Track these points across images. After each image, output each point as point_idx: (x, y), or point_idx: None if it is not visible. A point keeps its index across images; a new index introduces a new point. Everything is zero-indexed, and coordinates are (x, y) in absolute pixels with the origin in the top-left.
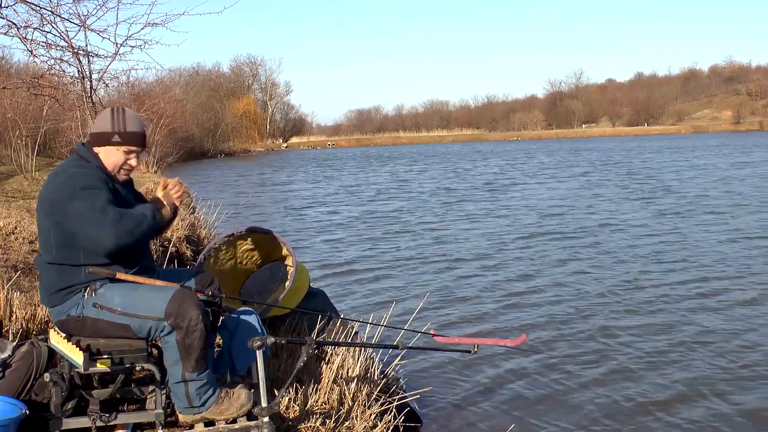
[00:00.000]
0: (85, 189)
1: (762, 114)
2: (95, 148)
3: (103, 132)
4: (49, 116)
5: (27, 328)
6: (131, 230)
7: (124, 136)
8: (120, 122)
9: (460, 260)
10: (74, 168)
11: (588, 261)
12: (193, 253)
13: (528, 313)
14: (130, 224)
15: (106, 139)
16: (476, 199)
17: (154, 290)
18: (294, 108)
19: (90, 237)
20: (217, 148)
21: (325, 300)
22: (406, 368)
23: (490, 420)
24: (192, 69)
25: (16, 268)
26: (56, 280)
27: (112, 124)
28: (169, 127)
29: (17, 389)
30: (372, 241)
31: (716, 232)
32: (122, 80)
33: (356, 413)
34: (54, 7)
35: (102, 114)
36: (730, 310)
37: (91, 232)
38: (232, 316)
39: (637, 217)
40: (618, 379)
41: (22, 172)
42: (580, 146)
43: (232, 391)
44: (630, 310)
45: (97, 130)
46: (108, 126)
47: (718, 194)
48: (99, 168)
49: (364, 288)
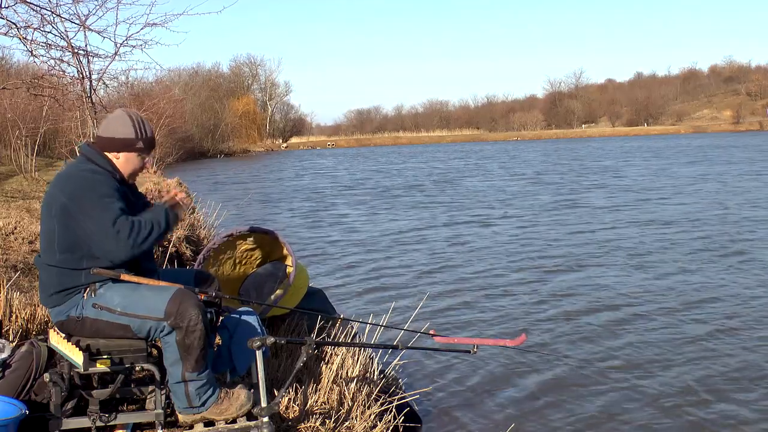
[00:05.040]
0: (102, 198)
1: (762, 114)
2: (113, 153)
3: (127, 138)
4: (49, 116)
5: (27, 328)
6: (145, 239)
7: (146, 142)
8: (142, 129)
9: (460, 260)
10: (87, 173)
11: (588, 261)
12: (192, 253)
13: (528, 312)
14: (143, 233)
15: (130, 146)
16: (475, 199)
17: (154, 290)
18: (294, 108)
19: (103, 249)
20: (216, 148)
21: (325, 300)
22: (405, 368)
23: (490, 420)
24: (191, 69)
25: (16, 268)
26: (56, 282)
27: (135, 131)
28: (169, 127)
29: (17, 389)
30: (372, 241)
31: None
32: (122, 80)
33: (356, 413)
34: (54, 8)
35: (118, 119)
36: (731, 310)
37: (105, 245)
38: (232, 316)
39: (639, 216)
40: (618, 379)
41: (21, 172)
42: (577, 146)
43: (231, 391)
44: (630, 310)
45: (118, 135)
46: (131, 132)
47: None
48: (110, 172)
49: (363, 288)
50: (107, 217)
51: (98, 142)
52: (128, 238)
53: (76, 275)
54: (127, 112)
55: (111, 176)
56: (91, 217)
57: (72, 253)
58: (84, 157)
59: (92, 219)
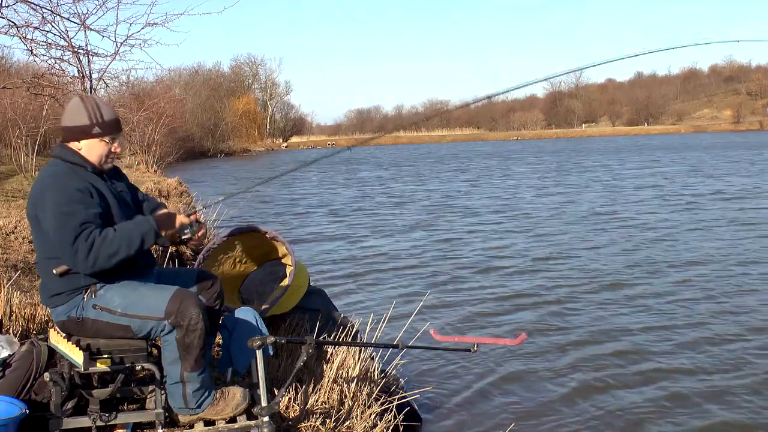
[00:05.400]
0: (60, 207)
1: (762, 113)
2: (74, 143)
3: (81, 125)
4: (49, 116)
5: (27, 327)
6: (108, 258)
7: (104, 126)
8: (97, 113)
9: (460, 260)
10: (49, 179)
11: (588, 261)
12: (192, 253)
13: (528, 312)
14: (106, 252)
15: (87, 132)
16: (475, 199)
17: (154, 290)
18: (294, 108)
19: (70, 265)
20: (217, 147)
21: (325, 299)
22: (406, 367)
23: (490, 419)
24: (192, 69)
25: (16, 268)
26: (56, 284)
27: (90, 116)
28: (169, 126)
29: (17, 389)
30: (372, 241)
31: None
32: (122, 80)
33: (356, 412)
34: (54, 7)
35: (72, 106)
36: (737, 306)
37: (66, 259)
38: (232, 316)
39: (646, 211)
40: (619, 379)
41: (22, 171)
42: (578, 146)
43: (227, 391)
44: (631, 310)
45: (72, 123)
46: (85, 119)
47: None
48: (80, 165)
49: (364, 287)
50: (66, 235)
51: (61, 134)
52: (86, 258)
53: (75, 277)
54: (82, 98)
55: (81, 170)
56: (53, 229)
57: (60, 260)
58: (54, 158)
59: (53, 232)
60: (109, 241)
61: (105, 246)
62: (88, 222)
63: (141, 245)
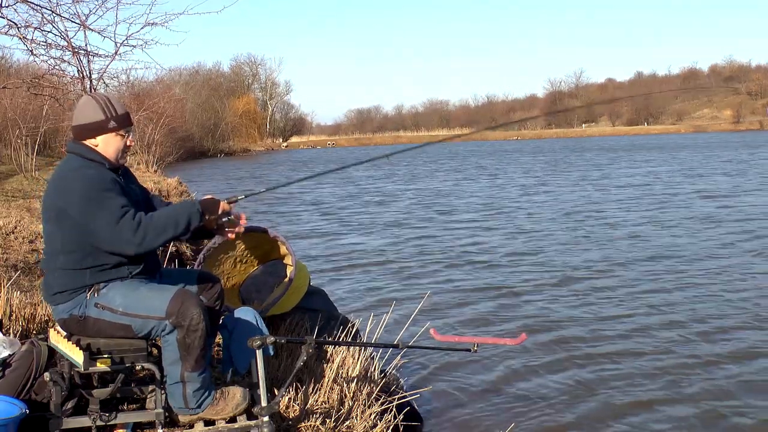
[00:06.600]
0: (100, 193)
1: (762, 113)
2: (89, 140)
3: (96, 121)
4: (49, 116)
5: (27, 327)
6: (156, 234)
7: (119, 119)
8: (110, 107)
9: (460, 260)
10: (78, 172)
11: (588, 261)
12: (192, 252)
13: (528, 312)
14: (155, 229)
15: (103, 128)
16: (474, 199)
17: (156, 290)
18: (294, 107)
19: (112, 247)
20: (217, 147)
21: (325, 299)
22: (406, 367)
23: (490, 419)
24: (192, 68)
25: (16, 268)
26: (61, 282)
27: (104, 111)
28: (169, 126)
29: (17, 388)
30: (372, 241)
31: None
32: (122, 80)
33: (356, 412)
34: (54, 7)
35: (84, 104)
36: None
37: (112, 244)
38: (232, 316)
39: (645, 214)
40: (619, 379)
41: (22, 171)
42: (578, 145)
43: (227, 391)
44: (631, 310)
45: (86, 120)
46: (99, 114)
47: None
48: (100, 162)
49: (364, 287)
50: (108, 216)
51: (75, 133)
52: (133, 236)
53: (81, 275)
54: (93, 96)
55: (102, 167)
56: (93, 215)
57: (75, 254)
58: (71, 154)
59: (93, 218)
60: (156, 220)
61: (153, 224)
62: (126, 205)
63: (187, 226)
